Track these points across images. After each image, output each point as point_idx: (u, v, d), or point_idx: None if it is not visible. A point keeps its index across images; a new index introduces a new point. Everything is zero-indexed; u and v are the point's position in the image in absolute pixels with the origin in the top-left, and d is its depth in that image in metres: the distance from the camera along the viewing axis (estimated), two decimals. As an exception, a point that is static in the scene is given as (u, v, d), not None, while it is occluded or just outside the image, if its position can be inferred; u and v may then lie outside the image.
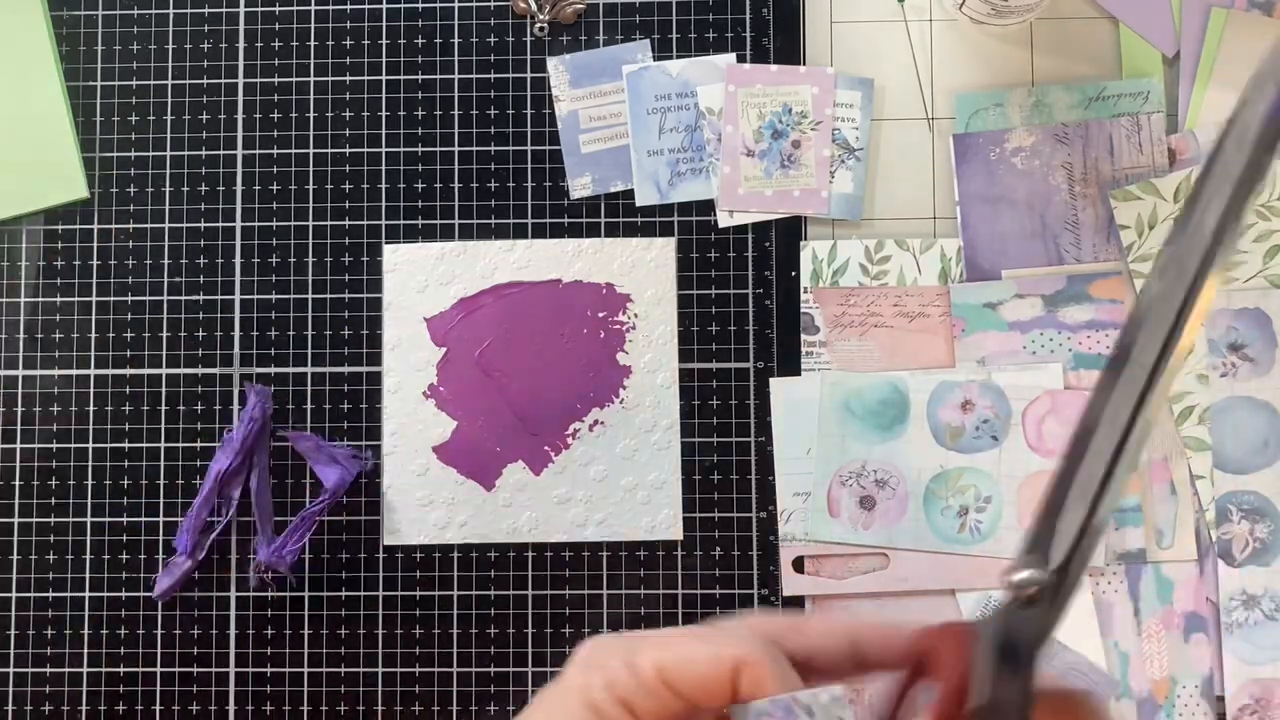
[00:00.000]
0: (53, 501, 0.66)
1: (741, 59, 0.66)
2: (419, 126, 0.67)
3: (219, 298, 0.67)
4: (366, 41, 0.68)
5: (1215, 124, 0.64)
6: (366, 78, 0.67)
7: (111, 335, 0.67)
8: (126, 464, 0.66)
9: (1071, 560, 0.30)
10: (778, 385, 0.65)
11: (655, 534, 0.65)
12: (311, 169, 0.67)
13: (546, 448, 0.65)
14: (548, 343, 0.66)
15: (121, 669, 0.65)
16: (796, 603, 0.64)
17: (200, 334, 0.67)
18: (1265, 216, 0.63)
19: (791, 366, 0.65)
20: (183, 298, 0.67)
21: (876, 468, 0.64)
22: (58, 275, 0.67)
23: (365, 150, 0.67)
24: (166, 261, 0.67)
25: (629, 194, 0.66)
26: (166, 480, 0.66)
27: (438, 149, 0.67)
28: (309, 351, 0.66)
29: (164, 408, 0.66)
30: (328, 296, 0.66)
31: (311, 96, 0.67)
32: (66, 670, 0.65)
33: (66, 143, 0.67)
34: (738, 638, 0.36)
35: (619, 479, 0.65)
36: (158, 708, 0.65)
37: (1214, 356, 0.63)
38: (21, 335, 0.67)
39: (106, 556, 0.66)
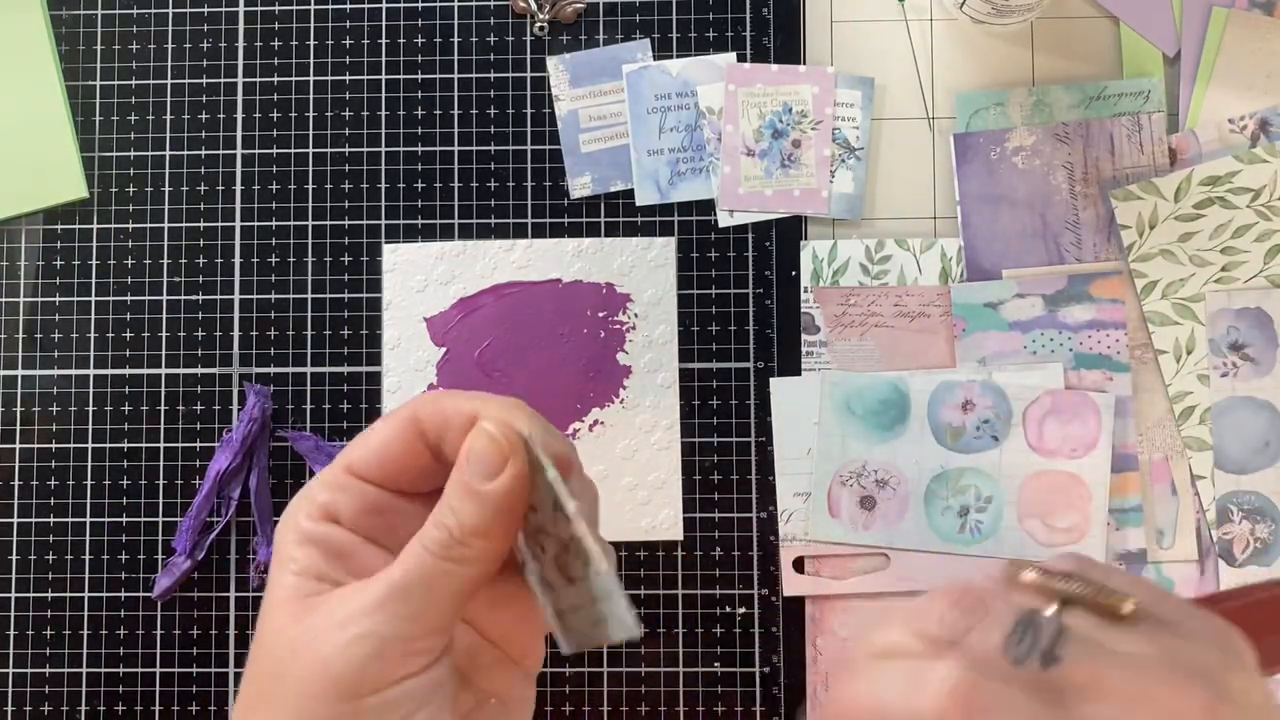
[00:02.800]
0: (52, 501, 0.66)
1: (741, 58, 0.66)
2: (419, 126, 0.67)
3: (218, 298, 0.67)
4: (366, 41, 0.67)
5: (1216, 123, 0.64)
6: (366, 77, 0.67)
7: (111, 335, 0.67)
8: (126, 464, 0.66)
9: None
10: (778, 385, 0.65)
11: (655, 534, 0.65)
12: (311, 169, 0.67)
13: (546, 448, 0.65)
14: (548, 343, 0.66)
15: (121, 669, 0.65)
16: (797, 603, 0.64)
17: (200, 334, 0.67)
18: (1266, 216, 0.63)
19: (791, 366, 0.65)
20: (182, 298, 0.67)
21: (877, 468, 0.64)
22: (57, 275, 0.67)
23: (365, 150, 0.67)
24: (166, 261, 0.67)
25: (629, 194, 0.66)
26: (166, 480, 0.66)
27: (437, 149, 0.67)
28: (309, 351, 0.66)
29: (164, 408, 0.66)
30: (327, 296, 0.66)
31: (311, 96, 0.67)
32: (66, 670, 0.65)
33: (66, 143, 0.67)
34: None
35: (619, 479, 0.65)
36: (157, 708, 0.65)
37: (1215, 356, 0.63)
38: (21, 335, 0.67)
39: (106, 556, 0.66)
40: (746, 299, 0.66)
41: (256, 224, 0.67)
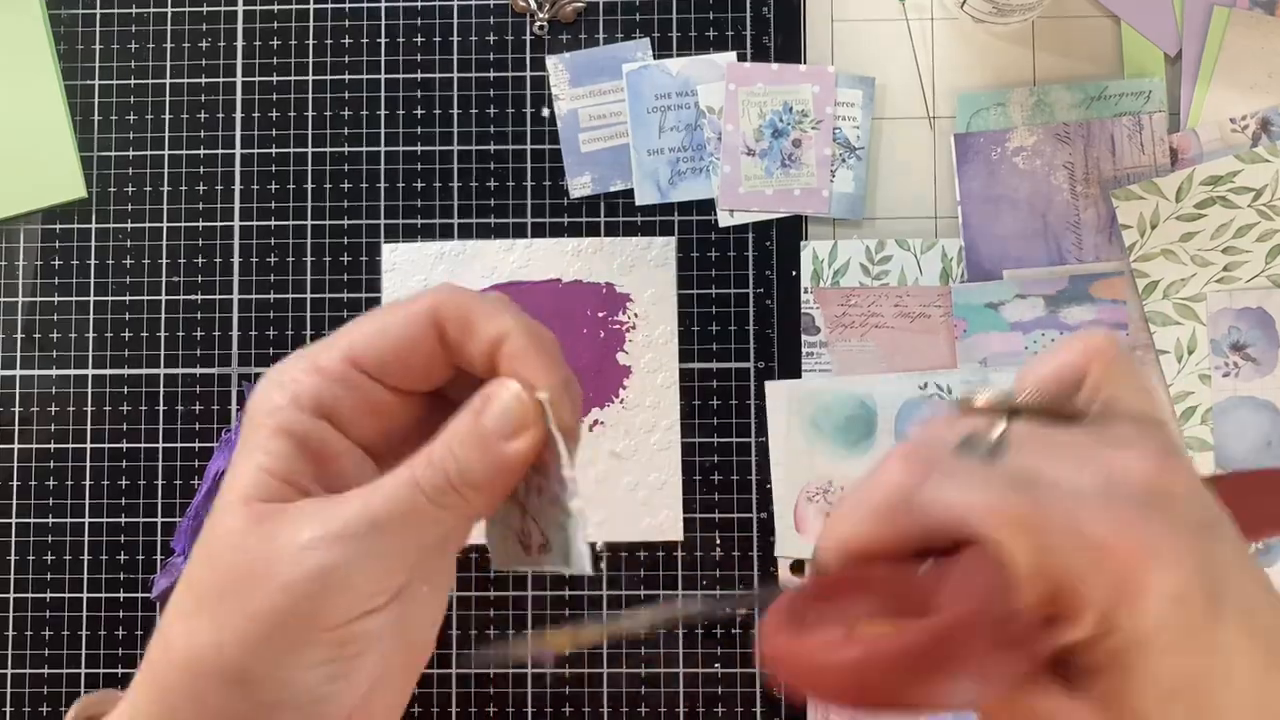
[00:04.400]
0: (51, 502, 0.66)
1: (742, 57, 0.66)
2: (418, 126, 0.67)
3: (217, 297, 0.67)
4: (366, 41, 0.67)
5: (1217, 123, 0.64)
6: (366, 77, 0.67)
7: (110, 335, 0.67)
8: (125, 464, 0.66)
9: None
10: (773, 389, 0.64)
11: (655, 534, 0.65)
12: (310, 168, 0.67)
13: (546, 448, 0.65)
14: (547, 343, 0.65)
15: (120, 669, 0.65)
16: (797, 603, 0.64)
17: (199, 334, 0.66)
18: (1267, 216, 0.63)
19: (791, 367, 0.65)
20: (181, 297, 0.67)
21: (844, 484, 0.63)
22: (56, 275, 0.67)
23: (364, 150, 0.67)
24: (165, 261, 0.67)
25: (629, 193, 0.66)
26: (165, 480, 0.66)
27: (437, 148, 0.67)
28: (308, 351, 0.66)
29: (163, 408, 0.66)
30: (326, 296, 0.66)
31: (310, 95, 0.67)
32: (66, 671, 0.65)
33: (65, 142, 0.67)
34: (444, 292, 0.32)
35: (619, 479, 0.65)
36: (157, 708, 0.65)
37: (1216, 356, 0.63)
38: (20, 335, 0.67)
39: (105, 557, 0.66)
40: (746, 299, 0.65)
41: (256, 224, 0.67)
